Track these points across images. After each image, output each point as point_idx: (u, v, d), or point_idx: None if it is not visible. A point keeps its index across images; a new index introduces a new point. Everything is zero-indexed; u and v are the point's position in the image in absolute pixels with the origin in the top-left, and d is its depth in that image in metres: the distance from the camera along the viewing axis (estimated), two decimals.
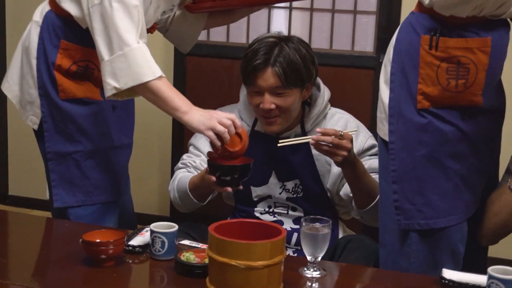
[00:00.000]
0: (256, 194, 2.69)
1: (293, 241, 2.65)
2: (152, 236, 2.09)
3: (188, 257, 2.01)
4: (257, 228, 1.92)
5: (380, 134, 2.27)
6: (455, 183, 2.15)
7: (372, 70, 3.30)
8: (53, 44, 2.40)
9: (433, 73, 2.10)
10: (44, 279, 2.00)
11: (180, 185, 2.64)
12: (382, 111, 2.24)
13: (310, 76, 2.57)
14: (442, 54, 2.09)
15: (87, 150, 2.47)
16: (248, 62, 2.54)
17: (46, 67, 2.41)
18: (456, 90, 2.10)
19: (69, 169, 2.47)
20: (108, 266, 2.02)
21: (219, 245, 1.79)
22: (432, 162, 2.14)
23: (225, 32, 3.52)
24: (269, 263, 1.77)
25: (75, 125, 2.44)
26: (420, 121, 2.13)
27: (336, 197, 2.66)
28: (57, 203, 2.48)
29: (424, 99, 2.12)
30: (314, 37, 3.39)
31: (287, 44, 2.53)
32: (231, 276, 1.77)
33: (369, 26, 3.32)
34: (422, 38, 2.11)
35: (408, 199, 2.17)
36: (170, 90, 2.24)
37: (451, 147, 2.13)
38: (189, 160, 2.71)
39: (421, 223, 2.17)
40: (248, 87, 2.59)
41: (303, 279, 2.00)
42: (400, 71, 2.16)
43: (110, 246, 1.99)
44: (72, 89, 2.42)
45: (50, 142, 2.46)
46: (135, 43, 2.21)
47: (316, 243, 2.00)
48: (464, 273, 2.00)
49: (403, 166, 2.17)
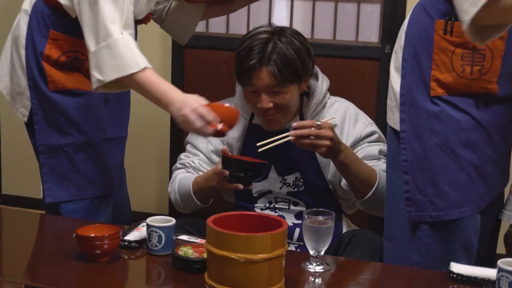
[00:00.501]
0: (256, 190, 2.64)
1: (295, 237, 2.59)
2: (148, 230, 2.03)
3: (186, 252, 1.96)
4: (257, 220, 1.86)
5: (390, 123, 2.21)
6: (468, 173, 2.09)
7: (377, 61, 3.24)
8: (42, 33, 2.35)
9: (448, 59, 2.04)
10: (37, 275, 1.96)
11: (182, 187, 2.60)
12: (392, 99, 2.18)
13: (307, 69, 2.52)
14: (457, 40, 2.02)
15: (78, 143, 2.41)
16: (242, 62, 2.49)
17: (35, 58, 2.36)
18: (471, 77, 2.04)
19: (61, 162, 2.41)
20: (103, 262, 1.96)
21: (217, 238, 1.73)
22: (445, 151, 2.07)
23: (224, 23, 3.46)
24: (270, 256, 1.71)
25: (65, 117, 2.38)
26: (433, 109, 2.07)
27: (340, 189, 2.60)
28: (48, 198, 2.42)
29: (438, 86, 2.06)
30: (317, 28, 3.33)
31: (280, 39, 2.48)
32: (230, 270, 1.71)
33: (374, 16, 3.27)
34: (437, 23, 2.04)
35: (420, 190, 2.10)
36: (154, 83, 2.13)
37: (464, 136, 2.06)
38: (187, 160, 2.67)
39: (433, 215, 2.10)
40: (243, 87, 2.54)
41: (306, 274, 1.95)
42: (412, 56, 2.09)
43: (105, 241, 1.94)
44: (61, 80, 2.36)
45: (41, 135, 2.41)
46: (118, 34, 2.14)
47: (319, 236, 1.95)
48: (472, 266, 1.95)
49: (414, 156, 2.11)
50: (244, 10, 3.39)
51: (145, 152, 3.75)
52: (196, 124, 2.07)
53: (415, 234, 2.13)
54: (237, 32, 3.44)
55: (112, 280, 1.91)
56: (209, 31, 3.50)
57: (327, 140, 2.34)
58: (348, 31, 3.32)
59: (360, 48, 3.28)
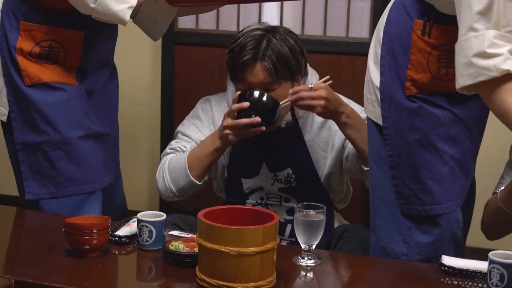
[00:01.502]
0: (247, 186, 2.63)
1: (287, 233, 2.59)
2: (139, 225, 2.01)
3: (177, 247, 1.94)
4: (248, 214, 1.85)
5: (370, 116, 2.20)
6: (451, 167, 2.09)
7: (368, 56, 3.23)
8: (13, 27, 2.31)
9: (424, 60, 2.04)
10: (27, 271, 1.91)
11: (174, 164, 2.54)
12: (372, 93, 2.17)
13: (300, 67, 2.52)
14: (435, 41, 2.02)
15: (54, 141, 2.36)
16: (235, 58, 2.47)
17: (8, 52, 2.32)
18: (445, 78, 2.04)
19: (38, 160, 2.37)
20: (93, 257, 1.94)
21: (209, 231, 1.71)
22: (426, 146, 2.07)
23: (214, 20, 3.46)
24: (261, 250, 1.69)
25: (39, 114, 2.33)
26: (411, 105, 2.07)
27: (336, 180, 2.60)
28: (29, 196, 2.38)
29: (413, 86, 2.06)
30: (307, 23, 3.33)
31: (274, 36, 2.48)
32: (222, 264, 1.70)
33: (364, 11, 3.27)
34: (415, 23, 2.04)
35: (406, 184, 2.11)
36: None
37: (444, 131, 2.07)
38: (178, 145, 2.63)
39: (420, 209, 2.10)
40: (236, 83, 2.52)
41: (298, 268, 1.94)
42: (390, 54, 2.10)
43: (93, 234, 1.91)
44: (36, 73, 2.31)
45: (18, 132, 2.36)
46: None
47: (311, 230, 1.94)
48: (464, 259, 1.95)
49: (398, 152, 2.11)
50: (234, 7, 3.39)
51: (135, 151, 3.74)
52: None
53: (405, 225, 2.13)
54: (227, 29, 3.43)
55: (102, 274, 1.89)
56: (199, 28, 3.49)
57: (321, 100, 2.36)
58: (338, 27, 3.32)
59: (350, 44, 3.28)
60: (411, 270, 2.01)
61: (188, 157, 2.51)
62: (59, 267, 1.91)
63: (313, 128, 2.57)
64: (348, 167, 2.56)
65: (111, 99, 2.55)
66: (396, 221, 2.14)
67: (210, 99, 2.69)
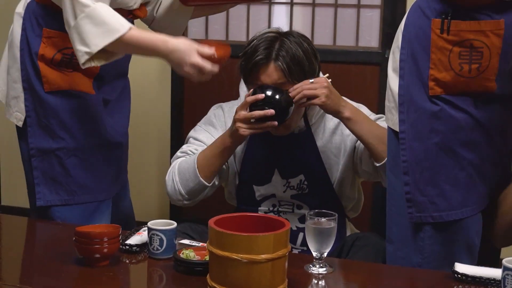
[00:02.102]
0: (260, 194, 2.61)
1: (299, 242, 2.57)
2: (150, 234, 2.01)
3: (188, 255, 1.94)
4: (259, 221, 1.84)
5: (389, 124, 2.19)
6: (469, 173, 2.07)
7: (378, 66, 3.24)
8: (35, 33, 2.32)
9: (445, 58, 2.03)
10: (37, 280, 1.92)
11: (184, 165, 2.52)
12: (391, 100, 2.16)
13: (313, 70, 2.50)
14: (454, 38, 2.01)
15: (70, 147, 2.37)
16: (248, 59, 2.46)
17: (30, 58, 2.33)
18: (469, 75, 2.02)
19: (52, 166, 2.37)
20: (103, 266, 1.94)
21: (219, 239, 1.70)
22: (445, 151, 2.06)
23: (224, 30, 3.46)
24: (272, 257, 1.68)
25: (58, 120, 2.35)
26: (432, 108, 2.05)
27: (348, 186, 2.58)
28: (40, 202, 2.38)
29: (436, 85, 2.05)
30: (317, 33, 3.33)
31: (288, 38, 2.47)
32: (233, 271, 1.69)
33: (374, 21, 3.27)
34: (433, 22, 2.03)
35: (420, 190, 2.08)
36: (144, 37, 2.15)
37: (464, 135, 2.05)
38: (189, 148, 2.60)
39: (434, 215, 2.08)
40: (249, 85, 2.50)
41: (309, 276, 1.93)
42: (410, 57, 2.08)
43: (104, 243, 1.90)
44: (57, 80, 2.33)
45: (33, 138, 2.37)
46: (92, 3, 2.12)
47: (322, 238, 1.93)
48: (477, 266, 1.93)
49: (414, 156, 2.09)
50: (244, 17, 3.39)
51: (144, 161, 3.73)
52: (197, 78, 2.16)
53: (417, 236, 2.11)
54: (237, 39, 3.43)
55: (112, 283, 1.89)
56: (209, 38, 3.49)
57: (323, 88, 2.37)
58: (348, 36, 3.32)
59: (360, 53, 3.27)
60: (423, 277, 1.99)
61: (198, 157, 2.49)
62: (69, 276, 1.90)
63: (325, 134, 2.56)
64: (363, 168, 2.54)
65: (124, 110, 2.56)
66: (411, 231, 2.12)
67: (223, 106, 2.68)
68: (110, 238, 1.92)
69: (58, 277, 1.89)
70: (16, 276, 1.94)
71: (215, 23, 3.45)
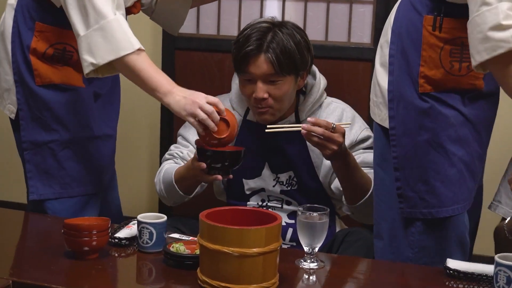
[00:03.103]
0: (249, 187, 2.60)
1: (288, 237, 2.56)
2: (139, 227, 1.99)
3: (178, 248, 1.93)
4: (250, 215, 1.83)
5: (376, 119, 2.18)
6: (459, 169, 2.06)
7: (370, 62, 3.21)
8: (28, 26, 2.30)
9: (436, 55, 2.02)
10: (25, 272, 1.89)
11: (166, 176, 2.55)
12: (379, 96, 2.15)
13: (305, 63, 2.48)
14: (446, 36, 2.00)
15: (63, 140, 2.36)
16: (239, 48, 2.45)
17: (21, 51, 2.31)
18: (459, 74, 2.02)
19: (45, 159, 2.36)
20: (92, 259, 1.92)
21: (210, 232, 1.69)
22: (435, 147, 2.05)
23: (215, 25, 3.43)
24: (264, 251, 1.67)
25: (51, 112, 2.33)
26: (422, 105, 2.05)
27: (329, 190, 2.56)
28: (33, 196, 2.37)
29: (426, 83, 2.03)
30: (309, 28, 3.31)
31: (281, 30, 2.45)
32: (224, 265, 1.67)
33: (366, 16, 3.25)
34: (425, 19, 2.02)
35: (411, 186, 2.08)
36: (149, 67, 2.11)
37: (453, 132, 2.04)
38: (176, 150, 2.63)
39: (424, 212, 2.07)
40: (240, 75, 2.51)
41: (300, 271, 1.92)
42: (400, 52, 2.07)
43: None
44: (48, 74, 2.31)
45: (26, 131, 2.35)
46: (111, 14, 2.10)
47: (314, 232, 1.92)
48: (469, 262, 1.92)
49: (404, 152, 2.08)
50: (235, 11, 3.37)
51: (135, 155, 3.71)
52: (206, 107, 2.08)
53: (408, 231, 2.10)
54: (228, 34, 3.41)
55: (102, 276, 1.87)
56: (200, 33, 3.47)
57: (335, 145, 2.28)
58: (340, 32, 3.30)
59: (352, 49, 3.26)
60: (415, 273, 1.98)
61: (174, 175, 2.50)
62: (58, 268, 1.89)
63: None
64: (330, 187, 2.54)
65: (114, 103, 2.54)
66: (402, 225, 2.11)
67: None
68: (99, 231, 1.90)
69: (47, 270, 1.87)
70: (6, 269, 1.91)
71: (207, 17, 3.42)
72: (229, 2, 2.95)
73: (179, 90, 2.11)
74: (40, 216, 2.37)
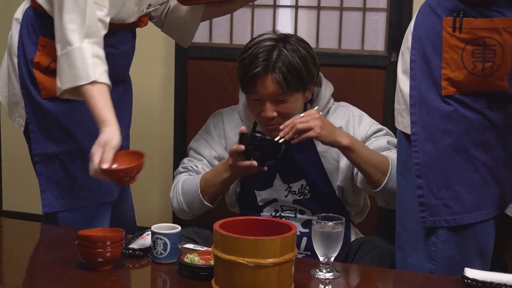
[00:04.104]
0: (261, 198, 2.59)
1: (303, 246, 2.53)
2: (153, 238, 1.98)
3: (192, 259, 1.91)
4: (264, 225, 1.81)
5: (399, 127, 2.16)
6: (483, 175, 2.04)
7: (383, 69, 3.20)
8: (32, 41, 2.31)
9: (458, 56, 2.00)
10: (39, 284, 1.89)
11: (187, 187, 2.54)
12: (401, 103, 2.13)
13: (312, 77, 2.48)
14: (467, 36, 1.98)
15: (72, 150, 2.35)
16: (246, 70, 2.45)
17: (26, 65, 2.31)
18: (482, 74, 1.99)
19: (56, 171, 2.36)
20: (106, 270, 1.91)
21: (225, 242, 1.67)
22: (458, 152, 2.02)
23: (228, 33, 3.43)
24: (279, 261, 1.65)
25: (58, 124, 2.33)
26: (445, 108, 2.02)
27: (349, 195, 2.55)
28: (45, 208, 2.36)
29: (450, 85, 2.01)
30: (322, 37, 3.30)
31: (285, 46, 2.44)
32: (238, 276, 1.66)
33: (380, 24, 3.23)
34: (444, 20, 2.00)
35: (434, 193, 2.05)
36: (97, 100, 2.08)
37: (477, 136, 2.02)
38: (190, 164, 2.62)
39: (448, 219, 2.04)
40: (247, 95, 2.50)
41: (316, 281, 1.90)
42: (421, 57, 2.05)
43: (107, 246, 1.87)
44: (53, 87, 2.27)
45: (36, 143, 2.36)
46: (77, 42, 2.09)
47: (329, 242, 1.90)
48: (488, 272, 1.90)
49: (427, 158, 2.05)
50: (248, 20, 3.36)
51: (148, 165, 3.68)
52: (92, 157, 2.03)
53: (430, 241, 2.07)
54: (241, 43, 3.39)
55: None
56: (213, 42, 3.46)
57: (316, 120, 2.30)
58: (353, 40, 3.29)
59: (365, 56, 3.24)
60: (432, 283, 1.96)
61: (201, 182, 2.50)
62: (72, 280, 1.87)
63: None
64: (357, 185, 2.51)
65: (125, 113, 2.53)
66: (422, 236, 2.08)
67: (222, 113, 2.67)
68: (113, 242, 1.90)
69: (60, 281, 1.85)
70: (19, 280, 1.91)
71: (220, 27, 3.42)
72: (241, 10, 2.94)
73: (105, 130, 2.06)
74: (53, 227, 2.36)
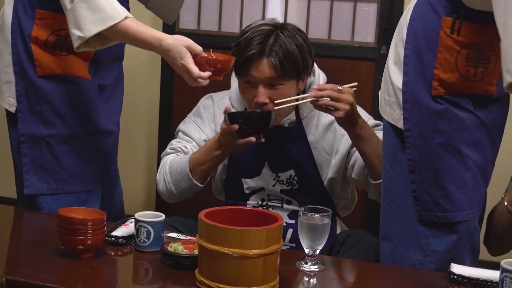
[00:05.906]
0: (248, 186, 2.56)
1: (288, 238, 2.52)
2: (137, 226, 1.95)
3: (176, 248, 1.88)
4: (251, 215, 1.79)
5: (387, 118, 2.13)
6: (474, 173, 2.03)
7: (373, 61, 3.19)
8: (28, 15, 2.26)
9: (453, 58, 1.97)
10: (19, 270, 1.85)
11: (175, 167, 2.48)
12: (391, 95, 2.10)
13: (307, 67, 2.45)
14: (464, 40, 1.96)
15: (61, 134, 2.31)
16: (241, 52, 2.41)
17: (22, 41, 2.27)
18: (474, 79, 1.98)
19: (42, 153, 2.32)
20: (87, 258, 1.87)
21: (210, 232, 1.65)
22: (450, 151, 2.01)
23: (216, 21, 3.40)
24: (265, 252, 1.63)
25: (50, 106, 2.29)
26: (436, 107, 2.00)
27: (339, 186, 2.53)
28: (27, 190, 2.32)
29: (440, 86, 1.99)
30: (312, 27, 3.28)
31: (283, 32, 2.42)
32: (223, 266, 1.63)
33: (370, 15, 3.22)
34: (443, 20, 1.97)
35: (426, 190, 2.04)
36: (139, 28, 2.10)
37: (468, 135, 2.00)
38: (179, 145, 2.57)
39: (439, 215, 2.03)
40: (240, 78, 2.46)
41: (301, 273, 1.88)
42: (415, 53, 2.02)
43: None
44: (50, 64, 2.27)
45: (24, 123, 2.31)
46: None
47: (315, 234, 1.88)
48: (474, 268, 1.89)
49: (419, 155, 2.04)
50: (237, 8, 3.34)
51: (133, 151, 3.68)
52: (188, 81, 2.13)
53: (421, 232, 2.06)
54: (230, 30, 3.38)
55: (97, 276, 1.83)
56: (201, 29, 3.43)
57: (347, 105, 2.29)
58: (343, 31, 3.28)
59: (356, 48, 3.23)
60: (418, 277, 1.94)
61: (190, 161, 2.45)
62: (52, 267, 1.84)
63: (318, 129, 2.50)
64: (352, 176, 2.49)
65: (118, 97, 2.50)
66: (412, 228, 2.07)
67: (213, 97, 2.64)
68: (95, 228, 1.85)
69: (41, 268, 1.82)
70: (1, 267, 1.87)
71: (208, 14, 3.39)
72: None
73: (167, 40, 2.09)
74: (35, 212, 2.32)
